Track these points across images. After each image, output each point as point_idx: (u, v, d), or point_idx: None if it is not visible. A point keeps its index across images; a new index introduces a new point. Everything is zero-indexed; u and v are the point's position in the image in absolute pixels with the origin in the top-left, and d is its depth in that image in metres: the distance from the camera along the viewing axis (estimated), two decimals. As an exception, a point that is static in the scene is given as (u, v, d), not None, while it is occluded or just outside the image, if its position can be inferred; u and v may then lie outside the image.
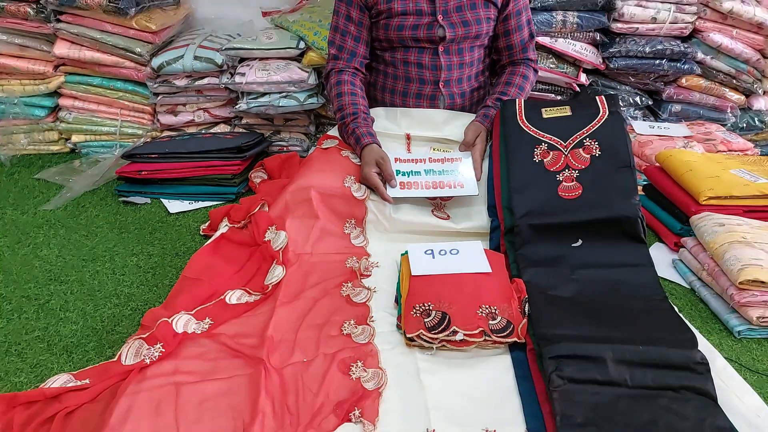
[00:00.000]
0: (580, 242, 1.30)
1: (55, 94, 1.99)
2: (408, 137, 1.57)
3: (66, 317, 1.24)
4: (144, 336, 1.05)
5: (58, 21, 1.87)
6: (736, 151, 1.73)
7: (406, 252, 1.27)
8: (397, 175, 1.44)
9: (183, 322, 1.10)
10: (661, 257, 1.44)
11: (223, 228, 1.45)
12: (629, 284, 1.21)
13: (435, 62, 1.58)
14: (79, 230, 1.56)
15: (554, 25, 1.85)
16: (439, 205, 1.47)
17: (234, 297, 1.20)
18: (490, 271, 1.20)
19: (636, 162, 1.66)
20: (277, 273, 1.24)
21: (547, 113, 1.49)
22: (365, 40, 1.60)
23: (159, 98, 1.95)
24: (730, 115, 2.01)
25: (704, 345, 1.10)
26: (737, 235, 1.27)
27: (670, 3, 1.87)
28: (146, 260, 1.44)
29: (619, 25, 1.89)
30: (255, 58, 1.91)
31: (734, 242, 1.25)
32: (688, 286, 1.36)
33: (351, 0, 1.56)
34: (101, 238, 1.53)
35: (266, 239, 1.33)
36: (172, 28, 2.01)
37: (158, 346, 1.03)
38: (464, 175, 1.45)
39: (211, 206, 1.67)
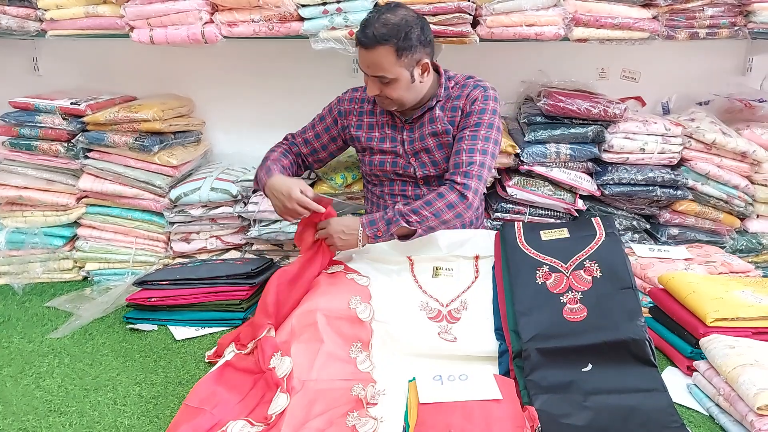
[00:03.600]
0: (590, 366, 1.28)
1: (74, 224, 2.08)
2: (410, 259, 1.61)
3: (61, 452, 1.20)
4: (140, 472, 1.01)
5: (86, 157, 2.01)
6: (737, 272, 1.74)
7: (414, 378, 1.25)
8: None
9: (182, 457, 1.06)
10: (675, 382, 1.39)
11: (229, 354, 1.44)
12: (644, 411, 1.17)
13: (417, 193, 1.70)
14: (83, 359, 1.55)
15: (548, 156, 1.96)
16: (445, 328, 1.47)
17: (236, 428, 1.16)
18: (501, 398, 1.17)
19: (639, 284, 1.68)
20: (280, 402, 1.21)
21: (546, 235, 1.54)
22: (315, 148, 1.79)
23: (174, 227, 2.03)
24: (728, 237, 2.05)
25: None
26: (749, 357, 1.25)
27: (656, 135, 2.00)
28: (149, 389, 1.41)
29: (610, 155, 2.00)
30: (267, 188, 2.02)
31: (746, 365, 1.22)
32: (706, 413, 1.30)
33: (331, 110, 1.77)
34: (105, 367, 1.51)
35: (271, 366, 1.32)
36: (192, 162, 2.15)
37: (154, 483, 0.99)
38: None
39: (217, 332, 1.67)
